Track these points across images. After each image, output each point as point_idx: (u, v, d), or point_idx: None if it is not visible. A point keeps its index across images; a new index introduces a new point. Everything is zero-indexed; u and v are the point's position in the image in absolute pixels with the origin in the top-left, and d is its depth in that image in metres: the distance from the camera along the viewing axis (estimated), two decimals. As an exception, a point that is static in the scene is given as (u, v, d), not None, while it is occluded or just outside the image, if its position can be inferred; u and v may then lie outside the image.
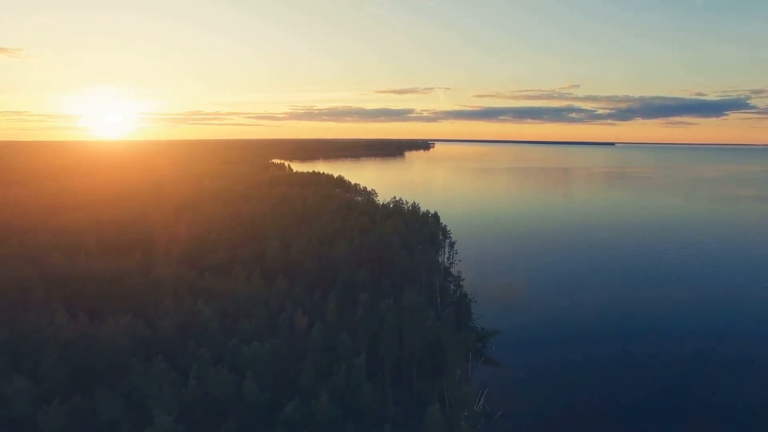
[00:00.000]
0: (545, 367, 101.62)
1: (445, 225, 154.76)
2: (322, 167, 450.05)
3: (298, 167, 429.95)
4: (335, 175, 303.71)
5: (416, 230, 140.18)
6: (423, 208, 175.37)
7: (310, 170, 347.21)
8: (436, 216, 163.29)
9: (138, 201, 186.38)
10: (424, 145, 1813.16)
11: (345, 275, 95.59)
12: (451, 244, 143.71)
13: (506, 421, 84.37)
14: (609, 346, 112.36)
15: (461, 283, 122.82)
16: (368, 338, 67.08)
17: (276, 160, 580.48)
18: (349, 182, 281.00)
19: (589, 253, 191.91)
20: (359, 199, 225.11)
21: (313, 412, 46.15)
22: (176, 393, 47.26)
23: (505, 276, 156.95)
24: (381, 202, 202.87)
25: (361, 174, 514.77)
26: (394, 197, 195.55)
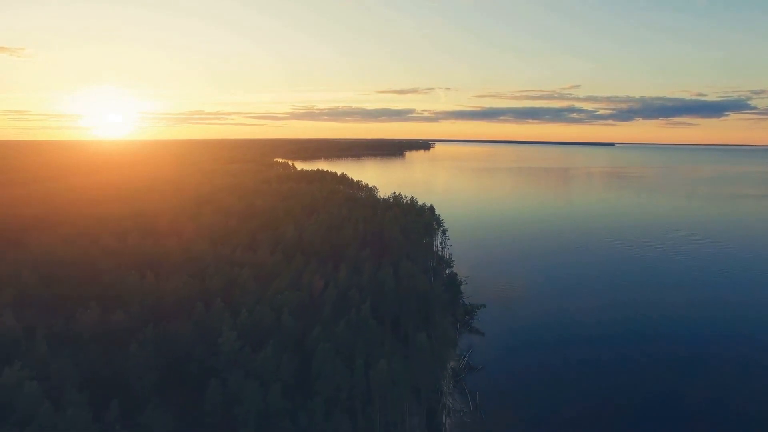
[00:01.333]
0: (526, 335, 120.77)
1: (439, 215, 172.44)
2: (324, 167, 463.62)
3: (300, 166, 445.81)
4: (338, 173, 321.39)
5: (413, 219, 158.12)
6: (420, 202, 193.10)
7: (313, 169, 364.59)
8: (431, 208, 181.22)
9: (160, 195, 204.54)
10: (425, 145, 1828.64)
11: (352, 252, 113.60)
12: (444, 231, 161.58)
13: (487, 374, 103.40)
14: (589, 325, 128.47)
15: (452, 264, 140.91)
16: (371, 296, 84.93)
17: (279, 159, 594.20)
18: (352, 179, 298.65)
19: (577, 244, 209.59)
20: (362, 194, 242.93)
21: (333, 333, 63.84)
22: (233, 322, 64.97)
23: (493, 262, 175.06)
24: (381, 197, 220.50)
25: (362, 173, 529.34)
26: (394, 192, 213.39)
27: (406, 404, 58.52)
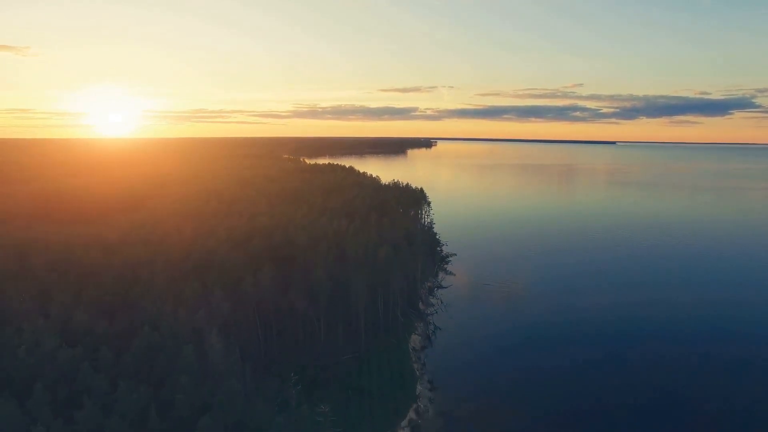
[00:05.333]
0: (487, 275, 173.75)
1: (426, 194, 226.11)
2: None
3: (309, 162, 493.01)
4: (346, 166, 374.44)
5: (407, 196, 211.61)
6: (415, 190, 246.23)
7: (324, 163, 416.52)
8: (422, 190, 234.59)
9: (204, 181, 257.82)
10: (427, 143, 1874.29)
11: (362, 214, 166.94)
12: (428, 204, 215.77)
13: (457, 290, 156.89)
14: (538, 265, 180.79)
15: (433, 226, 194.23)
16: (378, 232, 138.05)
17: (287, 156, 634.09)
18: (358, 171, 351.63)
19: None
20: (368, 182, 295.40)
21: (355, 241, 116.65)
22: (302, 232, 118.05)
23: (469, 231, 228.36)
24: (383, 184, 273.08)
25: (365, 171, 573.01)
26: (394, 179, 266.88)
27: (394, 278, 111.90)
